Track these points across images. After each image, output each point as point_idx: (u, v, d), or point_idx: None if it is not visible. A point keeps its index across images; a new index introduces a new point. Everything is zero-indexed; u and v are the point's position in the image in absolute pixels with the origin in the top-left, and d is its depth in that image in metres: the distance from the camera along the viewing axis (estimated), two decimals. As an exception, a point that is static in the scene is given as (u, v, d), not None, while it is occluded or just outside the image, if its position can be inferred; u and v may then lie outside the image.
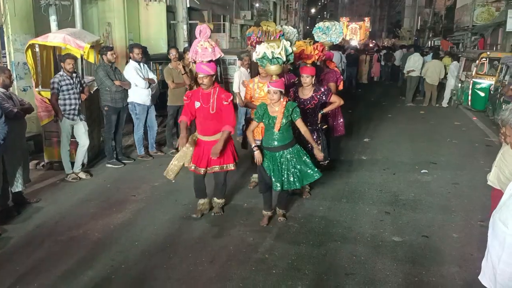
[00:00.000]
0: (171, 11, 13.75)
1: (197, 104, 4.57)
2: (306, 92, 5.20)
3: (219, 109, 4.54)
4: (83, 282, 3.70)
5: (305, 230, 4.69)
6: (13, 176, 4.96)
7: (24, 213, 5.04)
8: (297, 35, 6.67)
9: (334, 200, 5.51)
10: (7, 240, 4.38)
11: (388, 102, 13.90)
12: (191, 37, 13.95)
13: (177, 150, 7.58)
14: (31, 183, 5.59)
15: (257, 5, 24.77)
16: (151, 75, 7.16)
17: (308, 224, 4.84)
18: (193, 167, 4.72)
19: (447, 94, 13.29)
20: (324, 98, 5.22)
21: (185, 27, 13.62)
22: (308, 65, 5.25)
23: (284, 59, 4.68)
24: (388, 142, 8.67)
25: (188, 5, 13.60)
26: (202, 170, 4.71)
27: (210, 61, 4.57)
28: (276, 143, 4.48)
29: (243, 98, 6.16)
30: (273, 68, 4.73)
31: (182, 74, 7.32)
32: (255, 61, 4.85)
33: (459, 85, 12.74)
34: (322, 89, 5.22)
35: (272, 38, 5.97)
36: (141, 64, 7.04)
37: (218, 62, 10.46)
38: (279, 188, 4.53)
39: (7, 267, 3.91)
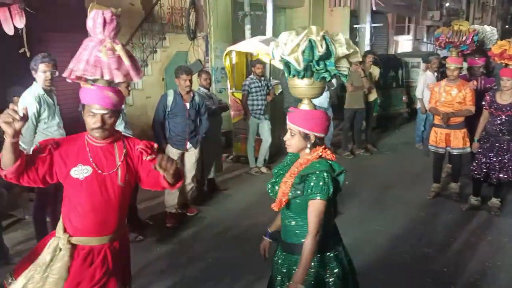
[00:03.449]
0: (354, 15, 13.79)
1: (83, 172, 2.18)
2: (506, 97, 4.68)
3: (130, 179, 2.27)
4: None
5: (493, 249, 4.23)
6: (209, 164, 5.71)
7: (215, 198, 5.77)
8: (496, 35, 6.05)
9: (531, 220, 4.82)
10: (202, 220, 5.09)
11: None
12: (373, 41, 13.78)
13: (351, 152, 7.73)
14: (221, 173, 6.32)
15: (447, 4, 22.94)
16: (330, 78, 7.35)
17: (497, 243, 4.36)
18: None
19: None
20: (528, 104, 4.61)
21: (368, 30, 13.49)
22: (510, 67, 4.68)
23: (345, 72, 2.08)
24: None
25: (374, 8, 13.39)
26: None
27: (111, 83, 2.17)
28: (292, 236, 2.27)
29: (426, 104, 5.85)
30: (305, 86, 2.12)
31: (362, 77, 7.32)
32: (274, 63, 2.23)
33: None
34: (527, 94, 4.62)
35: (463, 39, 5.50)
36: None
37: (400, 64, 10.05)
38: None
39: (199, 244, 4.52)
